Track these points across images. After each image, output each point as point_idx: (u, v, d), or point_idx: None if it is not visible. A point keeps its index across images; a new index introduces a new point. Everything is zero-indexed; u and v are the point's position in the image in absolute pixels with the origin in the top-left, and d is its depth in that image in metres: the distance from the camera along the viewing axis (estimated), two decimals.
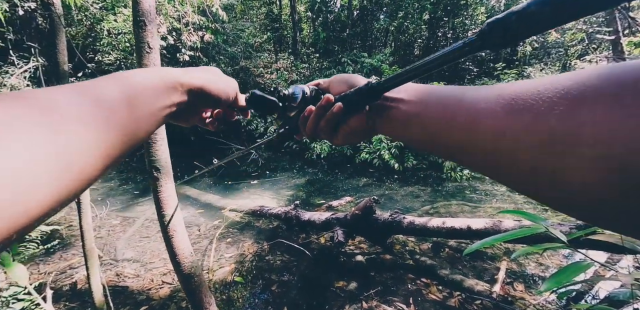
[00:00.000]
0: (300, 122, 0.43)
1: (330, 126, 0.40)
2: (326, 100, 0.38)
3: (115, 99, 0.25)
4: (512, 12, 0.21)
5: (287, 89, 0.43)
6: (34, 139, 0.17)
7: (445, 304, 1.93)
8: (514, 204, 3.92)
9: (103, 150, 0.22)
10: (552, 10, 0.19)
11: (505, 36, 0.22)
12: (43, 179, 0.17)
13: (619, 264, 2.34)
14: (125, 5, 6.80)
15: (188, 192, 4.39)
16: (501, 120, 0.23)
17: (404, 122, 0.34)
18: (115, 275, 2.36)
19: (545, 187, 0.21)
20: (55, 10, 1.31)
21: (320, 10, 11.69)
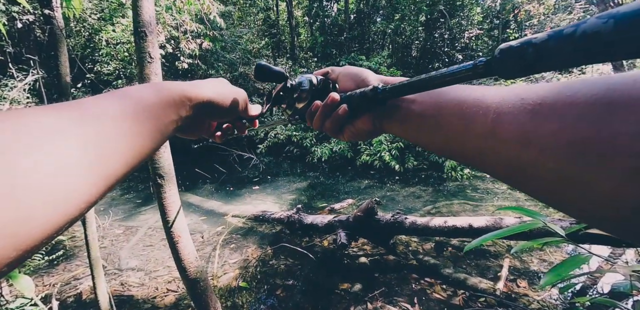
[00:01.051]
0: (307, 115, 0.42)
1: (336, 127, 0.39)
2: (331, 99, 0.37)
3: (122, 116, 0.24)
4: (529, 43, 0.20)
5: (294, 79, 0.42)
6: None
7: (450, 302, 1.94)
8: (515, 201, 3.92)
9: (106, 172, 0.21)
10: (574, 51, 0.18)
11: (518, 68, 0.21)
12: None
13: (621, 257, 2.34)
14: (123, 15, 6.88)
15: (190, 200, 4.41)
16: (526, 126, 0.22)
17: (416, 125, 0.32)
18: (120, 285, 2.36)
19: (574, 199, 0.20)
20: (57, 23, 1.34)
21: (317, 14, 11.80)
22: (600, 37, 0.16)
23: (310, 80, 0.41)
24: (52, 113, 0.20)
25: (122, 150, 0.23)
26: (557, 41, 0.18)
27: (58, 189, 0.17)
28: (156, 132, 0.28)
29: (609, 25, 0.16)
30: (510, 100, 0.23)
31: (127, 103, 0.26)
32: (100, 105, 0.24)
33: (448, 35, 11.59)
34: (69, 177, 0.18)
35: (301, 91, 0.41)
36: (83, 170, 0.19)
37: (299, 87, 0.41)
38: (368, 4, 11.83)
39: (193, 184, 5.80)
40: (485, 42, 12.31)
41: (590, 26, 0.17)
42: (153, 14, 1.19)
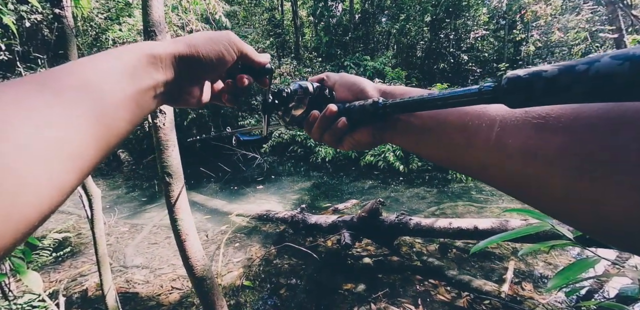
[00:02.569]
0: (305, 125, 0.40)
1: (335, 139, 0.38)
2: (330, 111, 0.36)
3: (74, 89, 0.21)
4: (539, 76, 0.18)
5: (289, 87, 0.40)
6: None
7: (454, 304, 1.93)
8: (520, 203, 3.88)
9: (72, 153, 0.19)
10: (586, 90, 0.17)
11: (524, 100, 0.20)
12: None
13: (628, 261, 2.32)
14: (129, 15, 6.94)
15: (195, 198, 4.43)
16: (532, 139, 0.21)
17: (416, 138, 0.31)
18: (125, 282, 2.38)
19: (582, 216, 0.19)
20: (67, 22, 1.36)
21: (322, 14, 11.80)
22: (614, 79, 0.16)
23: (306, 88, 0.40)
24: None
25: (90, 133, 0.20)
26: (568, 78, 0.17)
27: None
28: (127, 103, 0.24)
29: (625, 67, 0.15)
30: (515, 112, 0.23)
31: (79, 75, 0.22)
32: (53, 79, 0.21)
33: (453, 36, 11.54)
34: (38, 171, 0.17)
35: (297, 99, 0.39)
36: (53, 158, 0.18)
37: (295, 94, 0.39)
38: (373, 4, 11.82)
39: (198, 182, 5.84)
40: (491, 42, 12.25)
41: (605, 67, 0.16)
42: (162, 13, 1.20)
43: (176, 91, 0.32)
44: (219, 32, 0.34)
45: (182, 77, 0.31)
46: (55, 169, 0.18)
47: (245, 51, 0.35)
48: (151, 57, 0.27)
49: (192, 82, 0.33)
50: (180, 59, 0.30)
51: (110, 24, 7.06)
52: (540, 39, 11.10)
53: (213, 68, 0.33)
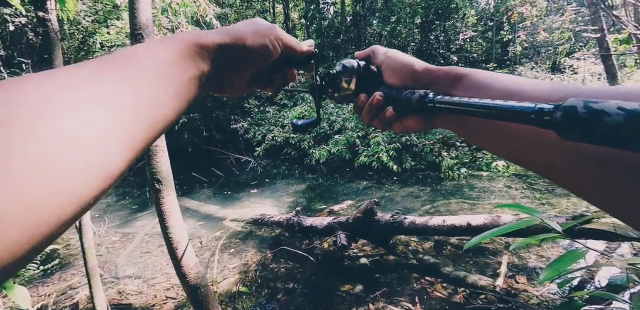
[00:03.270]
0: (354, 109, 0.41)
1: (384, 125, 0.38)
2: (376, 100, 0.36)
3: (129, 77, 0.21)
4: (600, 119, 0.16)
5: (335, 68, 0.41)
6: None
7: (451, 300, 1.94)
8: (511, 199, 3.94)
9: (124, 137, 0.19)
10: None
11: (577, 137, 0.18)
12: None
13: (616, 251, 2.37)
14: (117, 18, 6.86)
15: (188, 204, 4.38)
16: None
17: (473, 127, 0.30)
18: (118, 293, 2.33)
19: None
20: (51, 26, 1.34)
21: (313, 17, 11.87)
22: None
23: (352, 67, 0.40)
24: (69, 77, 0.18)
25: (147, 117, 0.21)
26: (634, 127, 0.15)
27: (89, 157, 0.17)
28: (178, 94, 0.24)
29: None
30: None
31: (136, 65, 0.22)
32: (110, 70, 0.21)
33: (443, 37, 11.71)
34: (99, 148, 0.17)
35: (345, 80, 0.40)
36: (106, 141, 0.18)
37: (341, 75, 0.40)
38: (364, 7, 11.94)
39: (190, 188, 5.78)
40: (480, 43, 12.46)
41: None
42: (150, 16, 1.20)
43: (217, 81, 0.32)
44: (265, 25, 0.34)
45: (225, 67, 0.31)
46: (111, 150, 0.18)
47: (290, 44, 0.36)
48: (199, 47, 0.27)
49: (234, 72, 0.33)
50: (226, 50, 0.30)
51: (98, 27, 6.96)
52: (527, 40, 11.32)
53: (258, 61, 0.33)
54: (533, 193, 4.06)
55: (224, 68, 0.30)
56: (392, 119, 0.36)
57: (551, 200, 3.69)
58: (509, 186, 4.52)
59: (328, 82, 0.41)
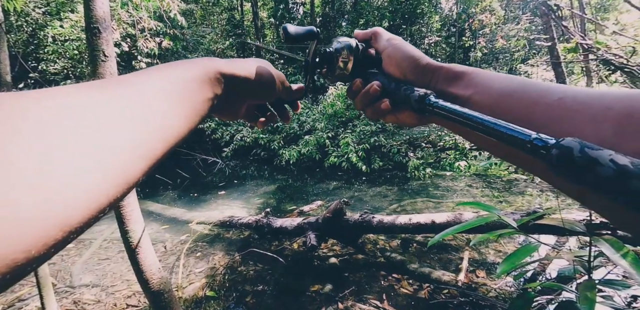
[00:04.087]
0: (348, 93, 0.40)
1: (377, 116, 0.37)
2: (373, 90, 0.36)
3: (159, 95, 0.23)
4: (592, 168, 0.17)
5: (332, 46, 0.39)
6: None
7: (416, 296, 2.01)
8: (472, 197, 4.17)
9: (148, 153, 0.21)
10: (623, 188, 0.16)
11: (567, 177, 0.18)
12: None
13: (565, 245, 2.58)
14: (72, 10, 6.39)
15: (150, 208, 4.17)
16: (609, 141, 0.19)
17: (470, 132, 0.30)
18: (73, 303, 2.17)
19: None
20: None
21: (283, 16, 11.79)
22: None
23: (349, 46, 0.38)
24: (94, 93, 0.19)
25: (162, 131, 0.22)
26: (620, 181, 0.16)
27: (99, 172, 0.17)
28: (193, 112, 0.26)
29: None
30: (594, 108, 0.21)
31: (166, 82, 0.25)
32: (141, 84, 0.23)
33: (409, 41, 12.11)
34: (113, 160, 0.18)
35: (342, 60, 0.38)
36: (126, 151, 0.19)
37: (338, 54, 0.38)
38: (334, 8, 12.05)
39: (153, 190, 5.50)
40: (444, 48, 13.05)
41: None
42: (107, 9, 1.13)
43: (224, 105, 0.35)
44: (278, 71, 0.38)
45: (234, 96, 0.34)
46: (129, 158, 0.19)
47: (288, 88, 0.41)
48: (219, 74, 0.30)
49: (239, 102, 0.36)
50: (240, 82, 0.33)
51: (50, 20, 6.44)
52: (487, 46, 12.03)
53: (261, 97, 0.37)
54: (492, 191, 4.32)
55: (232, 96, 0.33)
56: (387, 111, 0.35)
57: (508, 198, 3.95)
58: (470, 185, 4.77)
59: (322, 60, 0.39)
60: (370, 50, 0.40)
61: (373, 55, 0.39)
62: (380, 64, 0.38)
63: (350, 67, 0.39)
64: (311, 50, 0.40)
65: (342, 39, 0.39)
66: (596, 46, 3.04)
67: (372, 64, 0.39)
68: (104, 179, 0.17)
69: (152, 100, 0.22)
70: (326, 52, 0.39)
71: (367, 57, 0.39)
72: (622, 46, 3.10)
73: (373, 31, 0.40)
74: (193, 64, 0.29)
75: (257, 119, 0.43)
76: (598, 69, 4.83)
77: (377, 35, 0.40)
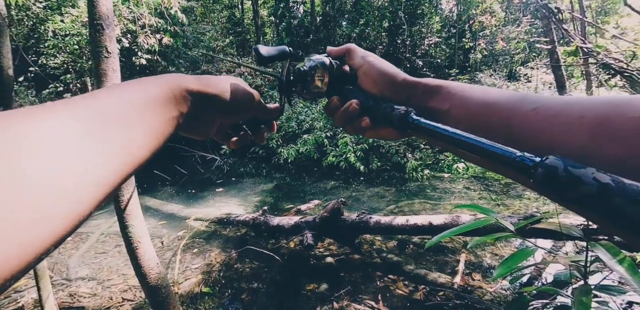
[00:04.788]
0: (326, 110, 0.39)
1: (357, 132, 0.37)
2: (352, 108, 0.35)
3: (118, 113, 0.22)
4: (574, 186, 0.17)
5: (305, 64, 0.38)
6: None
7: (412, 297, 2.02)
8: (470, 200, 4.18)
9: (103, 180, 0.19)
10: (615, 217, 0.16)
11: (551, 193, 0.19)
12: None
13: (562, 249, 2.60)
14: (73, 5, 6.35)
15: (148, 203, 4.17)
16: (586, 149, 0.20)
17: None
18: (69, 296, 2.18)
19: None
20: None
21: (283, 15, 11.75)
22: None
23: (323, 64, 0.37)
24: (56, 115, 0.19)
25: (121, 157, 0.21)
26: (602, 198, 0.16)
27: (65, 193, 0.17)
28: (154, 133, 0.25)
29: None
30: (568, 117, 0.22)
31: (126, 101, 0.23)
32: (103, 102, 0.22)
33: (409, 42, 12.11)
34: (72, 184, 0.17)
35: (317, 78, 0.38)
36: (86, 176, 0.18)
37: (313, 72, 0.37)
38: (334, 8, 12.02)
39: (152, 186, 5.50)
40: (443, 49, 13.04)
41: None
42: (111, 6, 1.12)
43: (191, 124, 0.33)
44: (252, 90, 0.37)
45: (201, 114, 0.32)
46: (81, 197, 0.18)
47: (262, 106, 0.39)
48: (185, 91, 0.29)
49: (208, 120, 0.35)
50: (208, 100, 0.31)
51: (51, 14, 6.40)
52: (486, 48, 12.05)
53: (232, 116, 0.36)
54: (490, 194, 4.33)
55: (200, 114, 0.32)
56: (367, 128, 0.35)
57: (505, 202, 3.97)
58: (468, 187, 4.79)
59: (297, 78, 0.39)
60: (345, 67, 0.39)
61: (348, 72, 0.39)
62: (355, 81, 0.38)
63: (325, 85, 0.38)
64: (284, 70, 0.40)
65: (315, 56, 0.39)
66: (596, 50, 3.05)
67: (347, 81, 0.39)
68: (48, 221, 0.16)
69: (108, 122, 0.21)
70: (300, 70, 0.38)
71: (342, 74, 0.39)
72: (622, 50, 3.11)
73: (347, 48, 0.40)
74: (157, 81, 0.27)
75: (229, 138, 0.42)
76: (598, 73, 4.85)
77: (350, 52, 0.39)
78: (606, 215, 0.16)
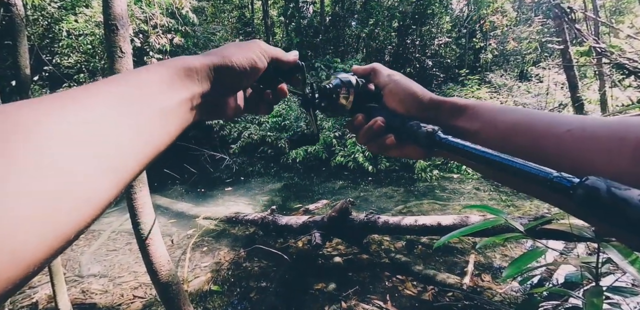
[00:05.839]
0: (349, 128, 0.39)
1: (380, 150, 0.37)
2: (377, 126, 0.35)
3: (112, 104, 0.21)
4: (620, 207, 0.16)
5: (331, 82, 0.38)
6: None
7: (420, 298, 2.02)
8: (479, 200, 4.14)
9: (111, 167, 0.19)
10: None
11: (593, 215, 0.18)
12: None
13: (573, 251, 2.55)
14: (87, 5, 6.48)
15: (159, 202, 4.23)
16: (623, 169, 0.19)
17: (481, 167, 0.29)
18: (81, 293, 2.23)
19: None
20: (16, 11, 1.25)
21: (292, 15, 11.78)
22: None
23: (349, 82, 0.38)
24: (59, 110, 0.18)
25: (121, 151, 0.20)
26: None
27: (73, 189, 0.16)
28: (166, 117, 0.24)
29: None
30: (606, 138, 0.21)
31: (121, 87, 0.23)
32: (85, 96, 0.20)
33: (419, 42, 12.02)
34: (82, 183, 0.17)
35: (342, 96, 0.38)
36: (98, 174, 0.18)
37: (337, 89, 0.38)
38: (343, 8, 12.00)
39: (161, 185, 5.58)
40: (454, 49, 12.90)
41: None
42: (125, 6, 1.15)
43: (213, 103, 0.32)
44: (249, 41, 0.35)
45: (217, 88, 0.31)
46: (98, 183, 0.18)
47: (275, 55, 0.36)
48: (187, 70, 0.28)
49: (227, 93, 0.34)
50: (215, 70, 0.30)
51: (65, 14, 6.55)
52: (497, 48, 11.87)
53: (247, 76, 0.33)
54: (499, 195, 4.28)
55: (216, 88, 0.31)
56: (392, 146, 0.35)
57: (516, 203, 3.91)
58: (478, 188, 4.73)
59: (322, 96, 0.39)
60: (370, 86, 0.40)
61: (372, 90, 0.39)
62: (380, 99, 0.38)
63: (350, 103, 0.38)
64: (305, 86, 0.40)
65: (341, 75, 0.39)
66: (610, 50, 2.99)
67: (372, 99, 0.39)
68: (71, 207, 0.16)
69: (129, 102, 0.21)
70: (325, 88, 0.38)
71: (367, 93, 0.39)
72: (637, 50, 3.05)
73: (372, 67, 0.40)
74: (159, 67, 0.27)
75: (257, 105, 0.40)
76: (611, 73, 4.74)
77: (376, 71, 0.40)
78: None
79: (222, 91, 0.32)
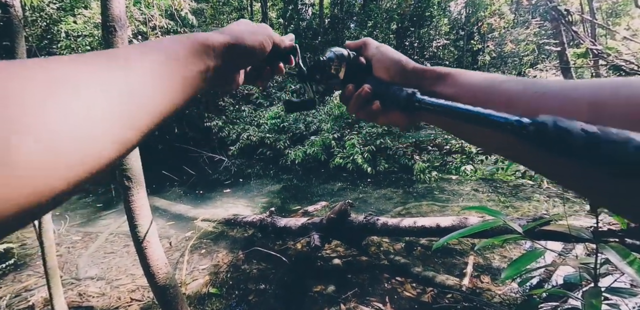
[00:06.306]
0: (341, 99, 0.42)
1: (369, 117, 0.40)
2: (364, 92, 0.38)
3: (153, 67, 0.24)
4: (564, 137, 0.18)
5: (325, 55, 0.41)
6: None
7: (420, 300, 2.01)
8: (478, 202, 4.14)
9: (136, 122, 0.22)
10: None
11: (548, 148, 0.20)
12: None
13: (572, 252, 2.55)
14: (85, 6, 6.49)
15: (157, 203, 4.22)
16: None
17: (457, 125, 0.32)
18: (78, 295, 2.21)
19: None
20: (14, 12, 1.25)
21: (292, 17, 11.83)
22: None
23: (341, 55, 0.41)
24: (82, 61, 0.20)
25: (153, 101, 0.23)
26: (591, 147, 0.17)
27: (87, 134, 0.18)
28: (185, 84, 0.27)
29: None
30: (568, 94, 0.23)
31: (157, 54, 0.26)
32: (132, 56, 0.24)
33: (418, 44, 12.09)
34: (98, 124, 0.18)
35: (334, 68, 0.41)
36: (113, 119, 0.20)
37: (330, 62, 0.41)
38: (342, 10, 12.06)
39: (160, 187, 5.56)
40: (452, 51, 12.99)
41: None
42: (123, 8, 1.15)
43: (222, 77, 0.36)
44: (259, 25, 0.40)
45: (228, 64, 0.34)
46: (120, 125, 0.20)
47: (277, 41, 0.41)
48: (206, 46, 0.31)
49: (235, 69, 0.38)
50: (229, 48, 0.34)
51: (64, 15, 6.55)
52: (495, 50, 11.95)
53: (255, 57, 0.38)
54: (498, 196, 4.28)
55: (227, 65, 0.34)
56: (378, 112, 0.38)
57: (514, 204, 3.91)
58: (476, 189, 4.73)
59: (316, 69, 0.42)
60: (361, 59, 0.42)
61: (364, 63, 0.42)
62: (370, 71, 0.41)
63: (342, 75, 0.41)
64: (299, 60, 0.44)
65: (334, 48, 0.42)
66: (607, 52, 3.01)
67: (362, 71, 0.41)
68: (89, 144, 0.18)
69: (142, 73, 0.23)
70: (319, 61, 0.41)
71: (359, 65, 0.42)
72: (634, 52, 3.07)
73: (363, 41, 0.44)
74: (182, 39, 0.30)
75: (256, 80, 0.45)
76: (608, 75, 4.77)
77: (366, 44, 0.43)
78: (596, 163, 0.17)
79: (232, 67, 0.36)
